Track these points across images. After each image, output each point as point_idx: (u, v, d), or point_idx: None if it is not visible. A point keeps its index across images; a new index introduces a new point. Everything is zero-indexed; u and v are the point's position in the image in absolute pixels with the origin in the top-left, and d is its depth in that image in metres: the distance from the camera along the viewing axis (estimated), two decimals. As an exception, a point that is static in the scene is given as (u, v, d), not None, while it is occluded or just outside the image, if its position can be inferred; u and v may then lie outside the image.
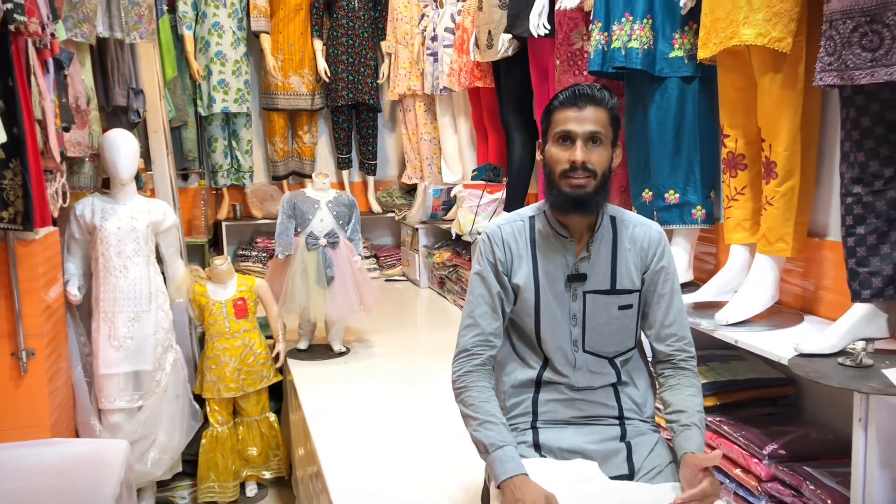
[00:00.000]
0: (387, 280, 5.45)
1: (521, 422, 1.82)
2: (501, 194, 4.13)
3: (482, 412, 1.72)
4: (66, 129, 2.85)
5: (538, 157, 1.81)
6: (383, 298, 4.76)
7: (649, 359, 1.89)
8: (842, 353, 1.86)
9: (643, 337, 1.88)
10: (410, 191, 5.76)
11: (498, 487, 1.62)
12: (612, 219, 1.79)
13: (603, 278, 1.76)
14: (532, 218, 1.81)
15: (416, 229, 5.13)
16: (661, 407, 1.79)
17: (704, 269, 2.82)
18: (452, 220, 4.54)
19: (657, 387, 1.87)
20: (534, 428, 1.80)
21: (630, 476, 1.74)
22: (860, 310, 1.87)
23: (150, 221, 3.31)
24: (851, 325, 1.87)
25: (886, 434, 1.68)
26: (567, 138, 1.68)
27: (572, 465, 1.71)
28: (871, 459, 1.68)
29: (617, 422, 1.81)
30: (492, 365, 1.82)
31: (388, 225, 5.94)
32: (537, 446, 1.77)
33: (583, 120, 1.67)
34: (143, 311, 3.25)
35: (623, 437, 1.79)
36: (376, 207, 5.78)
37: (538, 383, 1.81)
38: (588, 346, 1.78)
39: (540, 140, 1.80)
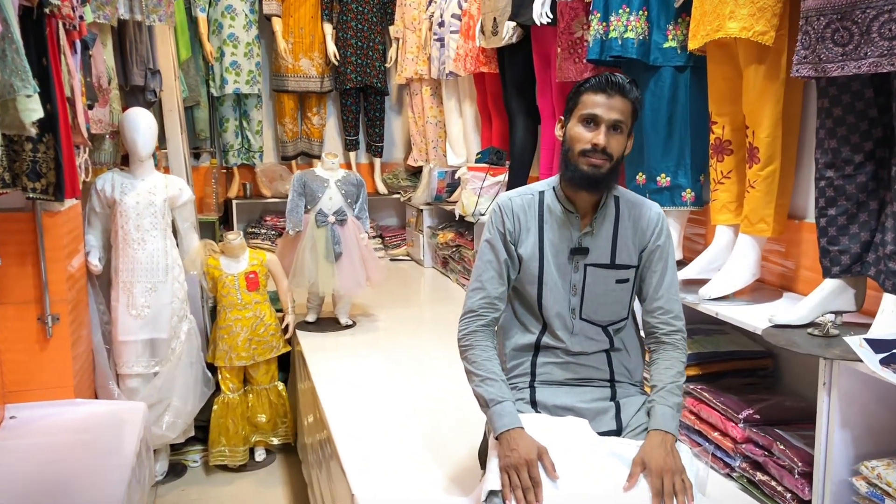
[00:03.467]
0: (392, 260, 5.57)
1: (520, 381, 1.98)
2: (504, 177, 4.24)
3: (484, 369, 1.87)
4: (90, 107, 3.00)
5: (557, 131, 1.93)
6: (388, 277, 4.90)
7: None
8: (812, 324, 2.02)
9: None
10: (416, 173, 5.88)
11: (496, 439, 1.78)
12: (616, 199, 1.93)
13: (603, 253, 1.91)
14: (542, 193, 1.96)
15: (421, 210, 5.26)
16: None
17: (694, 249, 2.97)
18: (456, 201, 4.64)
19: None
20: (531, 387, 1.97)
21: (618, 432, 1.90)
22: (830, 285, 2.02)
23: (167, 196, 3.46)
24: (821, 298, 2.02)
25: (847, 396, 1.83)
26: (592, 121, 1.82)
27: (565, 422, 1.87)
28: (833, 420, 1.84)
29: (608, 384, 1.97)
30: (495, 326, 1.96)
31: (394, 206, 6.05)
32: (534, 403, 1.94)
33: (610, 107, 1.81)
34: (160, 281, 3.40)
35: (613, 398, 1.95)
36: (382, 189, 5.90)
37: (537, 347, 1.97)
38: (585, 315, 1.93)
39: (561, 117, 1.92)
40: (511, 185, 4.11)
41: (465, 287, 4.52)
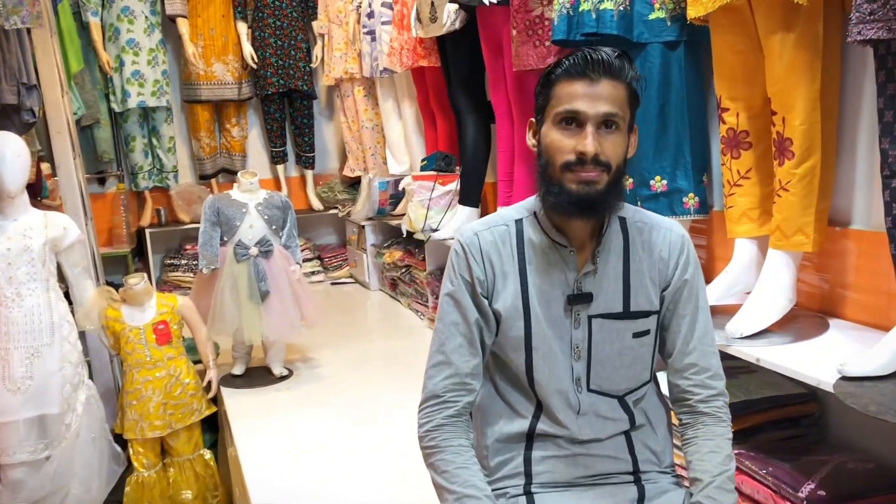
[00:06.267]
0: (333, 283, 5.09)
1: (510, 486, 1.44)
2: (455, 185, 3.75)
3: (460, 482, 1.34)
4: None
5: (529, 141, 1.41)
6: (330, 304, 4.40)
7: (665, 394, 1.52)
8: (898, 374, 1.51)
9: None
10: (354, 184, 5.40)
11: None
12: (622, 221, 1.41)
13: (614, 298, 1.38)
14: (519, 222, 1.42)
15: (363, 226, 4.77)
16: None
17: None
18: (402, 215, 4.18)
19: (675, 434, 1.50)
20: (528, 494, 1.42)
21: (654, 548, 1.38)
22: (917, 319, 1.51)
23: (47, 239, 2.82)
24: (908, 338, 1.51)
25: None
26: (573, 121, 1.29)
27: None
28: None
29: (632, 478, 1.44)
30: (469, 414, 1.43)
31: (332, 222, 5.56)
32: (533, 517, 1.39)
33: (595, 98, 1.28)
34: (45, 344, 2.77)
35: (641, 500, 1.42)
36: (317, 204, 5.39)
37: (531, 437, 1.43)
38: (594, 385, 1.41)
39: (532, 119, 1.40)
40: (464, 194, 3.61)
41: (418, 314, 4.02)
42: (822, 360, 1.67)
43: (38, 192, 3.89)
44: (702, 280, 1.45)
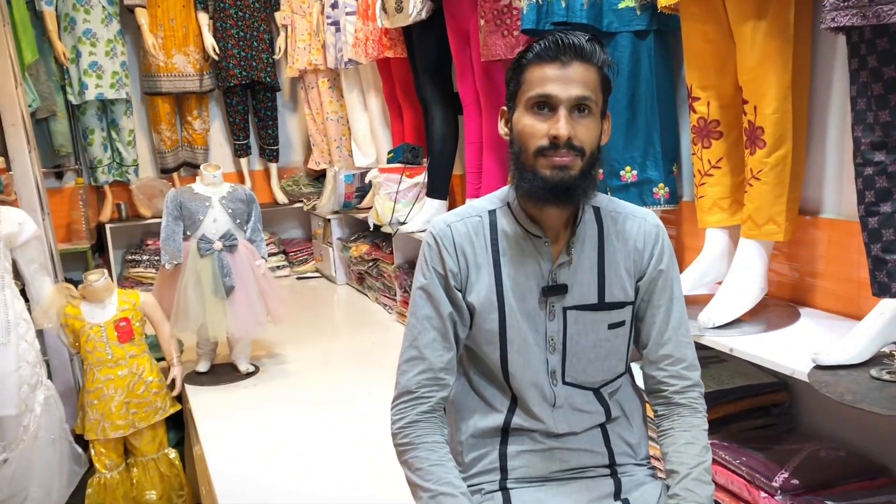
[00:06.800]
0: (299, 278, 4.98)
1: (486, 482, 1.41)
2: (422, 178, 3.70)
3: (434, 479, 1.31)
4: None
5: (501, 129, 1.38)
6: (296, 300, 4.33)
7: (640, 385, 1.50)
8: (872, 361, 1.50)
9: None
10: (319, 177, 5.29)
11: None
12: (597, 210, 1.38)
13: (588, 290, 1.36)
14: (492, 213, 1.39)
15: (329, 220, 4.67)
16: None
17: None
18: (369, 208, 4.10)
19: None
20: (504, 489, 1.40)
21: (632, 542, 1.36)
22: (890, 307, 1.51)
23: (1, 235, 2.73)
24: (881, 326, 1.50)
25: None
26: (545, 105, 1.26)
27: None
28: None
29: (608, 471, 1.43)
30: (443, 410, 1.40)
31: (297, 216, 5.45)
32: (509, 513, 1.36)
33: (567, 81, 1.25)
34: (0, 344, 2.67)
35: (618, 494, 1.40)
36: (282, 198, 5.28)
37: (506, 431, 1.41)
38: (569, 377, 1.38)
39: (504, 107, 1.37)
40: (432, 186, 3.56)
41: (386, 308, 3.97)
42: (795, 349, 1.67)
43: (-8, 187, 3.76)
44: (677, 270, 1.43)
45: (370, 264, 4.18)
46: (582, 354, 1.38)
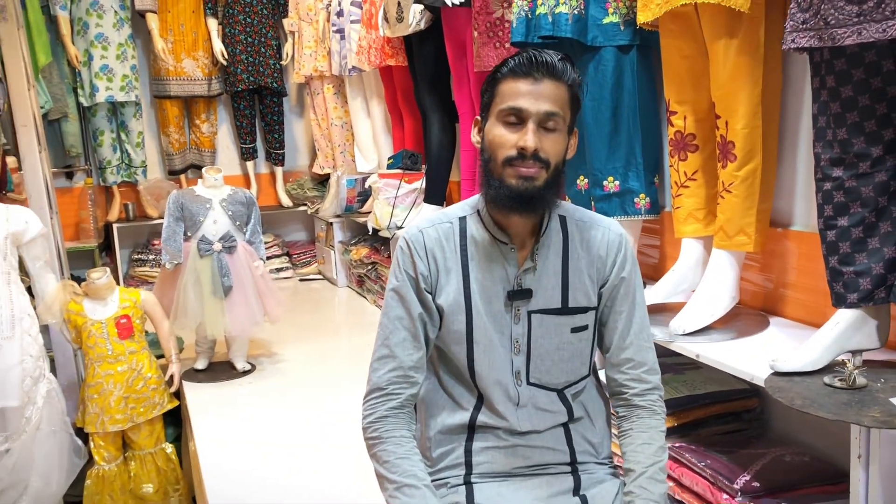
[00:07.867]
0: (301, 280, 5.06)
1: (451, 476, 1.47)
2: (421, 183, 3.77)
3: (400, 472, 1.38)
4: None
5: (474, 138, 1.45)
6: (297, 301, 4.39)
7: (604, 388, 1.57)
8: (827, 369, 1.56)
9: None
10: (323, 181, 5.38)
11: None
12: (563, 219, 1.45)
13: (552, 295, 1.42)
14: (463, 219, 1.45)
15: (331, 224, 4.75)
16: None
17: (648, 265, 2.52)
18: (369, 212, 4.16)
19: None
20: (468, 483, 1.46)
21: (588, 536, 1.42)
22: (846, 317, 1.56)
23: (8, 233, 2.81)
24: (836, 335, 1.56)
25: (890, 471, 1.38)
26: (516, 117, 1.33)
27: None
28: (874, 502, 1.38)
29: (569, 469, 1.48)
30: (412, 406, 1.47)
31: (301, 219, 5.54)
32: (472, 506, 1.43)
33: (538, 96, 1.32)
34: (5, 338, 2.75)
35: (577, 490, 1.46)
36: (286, 201, 5.37)
37: (472, 428, 1.47)
38: (534, 378, 1.44)
39: (477, 117, 1.44)
40: (429, 192, 3.63)
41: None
42: (760, 357, 1.71)
43: (2, 185, 3.87)
44: (639, 278, 1.49)
45: (369, 267, 4.25)
46: (546, 356, 1.44)
